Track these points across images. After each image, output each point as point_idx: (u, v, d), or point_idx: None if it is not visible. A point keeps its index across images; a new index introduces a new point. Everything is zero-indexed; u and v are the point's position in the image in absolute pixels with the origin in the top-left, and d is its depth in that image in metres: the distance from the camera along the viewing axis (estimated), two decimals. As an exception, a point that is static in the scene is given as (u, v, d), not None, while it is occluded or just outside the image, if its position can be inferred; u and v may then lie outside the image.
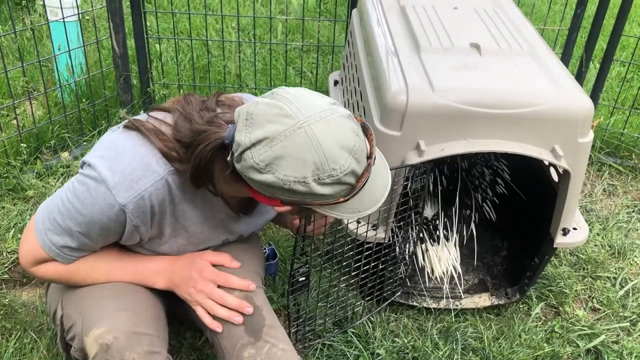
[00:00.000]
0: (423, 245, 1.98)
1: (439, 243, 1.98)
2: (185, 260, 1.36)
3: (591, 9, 3.15)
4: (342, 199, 1.08)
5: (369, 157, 1.09)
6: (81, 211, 1.18)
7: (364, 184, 1.08)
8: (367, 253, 1.66)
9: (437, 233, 1.99)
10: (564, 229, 1.77)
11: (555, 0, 4.14)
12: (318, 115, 1.04)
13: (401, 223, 1.70)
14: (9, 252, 2.05)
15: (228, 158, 1.10)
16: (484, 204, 2.04)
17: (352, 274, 1.66)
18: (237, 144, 1.06)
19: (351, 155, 1.05)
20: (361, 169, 1.07)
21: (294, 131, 1.02)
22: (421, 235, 1.93)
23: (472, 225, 2.03)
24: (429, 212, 2.03)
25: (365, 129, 1.12)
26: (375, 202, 1.14)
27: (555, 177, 1.82)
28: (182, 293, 1.35)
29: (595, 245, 2.28)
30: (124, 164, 1.17)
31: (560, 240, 1.77)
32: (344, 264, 1.59)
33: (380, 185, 1.14)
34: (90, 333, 1.20)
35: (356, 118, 1.12)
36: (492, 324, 1.91)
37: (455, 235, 2.01)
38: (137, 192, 1.16)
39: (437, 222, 2.00)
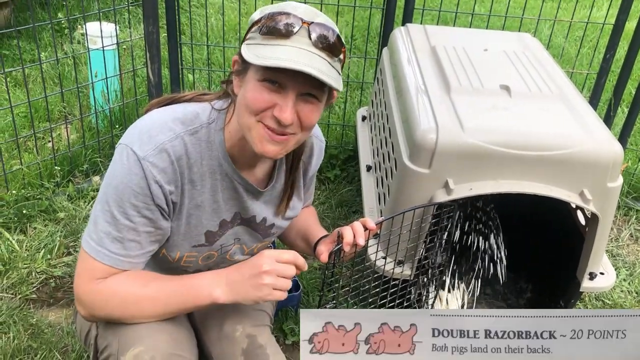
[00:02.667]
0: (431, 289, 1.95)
1: (443, 289, 1.96)
2: (237, 265, 1.28)
3: (620, 52, 3.17)
4: (259, 32, 1.14)
5: (307, 24, 1.13)
6: (111, 181, 1.20)
7: (280, 31, 1.12)
8: (392, 290, 1.66)
9: (444, 278, 1.96)
10: (590, 273, 1.75)
11: (584, 44, 4.16)
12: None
13: (426, 261, 1.70)
14: (38, 272, 2.09)
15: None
16: (497, 267, 2.01)
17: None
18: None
19: (295, 4, 1.16)
20: (289, 18, 1.13)
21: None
22: (426, 279, 1.90)
23: (477, 284, 2.00)
24: (439, 258, 2.01)
25: (340, 40, 1.17)
26: (292, 62, 1.10)
27: (582, 221, 1.82)
28: (249, 289, 1.22)
29: (621, 291, 2.25)
30: (140, 127, 1.23)
31: (586, 284, 1.76)
32: (370, 300, 1.60)
33: (304, 61, 1.12)
34: (127, 353, 1.22)
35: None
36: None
37: (462, 285, 1.98)
38: (155, 146, 1.19)
39: (446, 270, 1.97)
